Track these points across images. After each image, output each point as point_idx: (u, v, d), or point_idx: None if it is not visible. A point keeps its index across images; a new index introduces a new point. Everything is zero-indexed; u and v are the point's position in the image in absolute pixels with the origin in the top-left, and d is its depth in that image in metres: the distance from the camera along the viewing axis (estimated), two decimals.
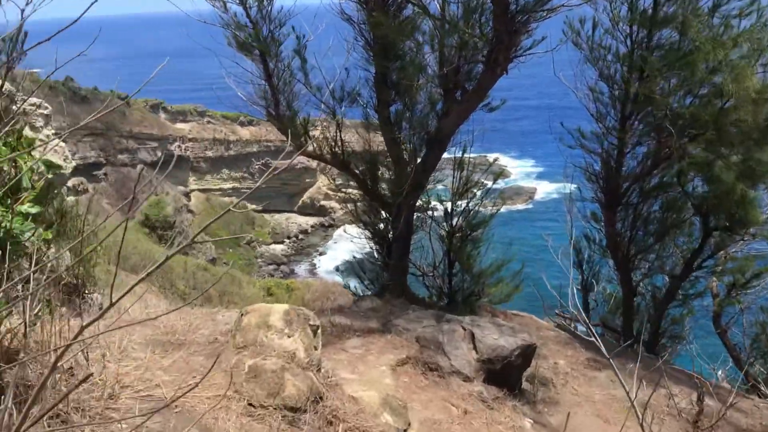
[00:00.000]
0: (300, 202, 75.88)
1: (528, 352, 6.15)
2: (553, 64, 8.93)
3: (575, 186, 10.81)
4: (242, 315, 5.01)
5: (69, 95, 59.57)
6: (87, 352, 4.22)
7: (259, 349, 4.68)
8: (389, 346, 6.01)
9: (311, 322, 5.02)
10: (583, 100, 9.77)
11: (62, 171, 17.98)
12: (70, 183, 55.44)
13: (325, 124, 8.18)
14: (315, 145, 8.16)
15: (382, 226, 8.58)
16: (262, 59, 7.68)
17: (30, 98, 18.97)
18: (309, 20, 8.02)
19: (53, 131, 17.36)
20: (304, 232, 73.48)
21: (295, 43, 7.64)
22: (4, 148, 3.37)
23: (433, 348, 5.88)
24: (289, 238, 71.72)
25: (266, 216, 73.77)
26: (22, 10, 7.40)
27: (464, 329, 6.09)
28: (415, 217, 8.45)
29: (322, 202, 76.21)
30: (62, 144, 17.78)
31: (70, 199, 52.36)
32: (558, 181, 75.64)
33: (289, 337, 4.80)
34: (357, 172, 8.21)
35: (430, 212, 8.94)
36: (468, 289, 8.58)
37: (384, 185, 8.39)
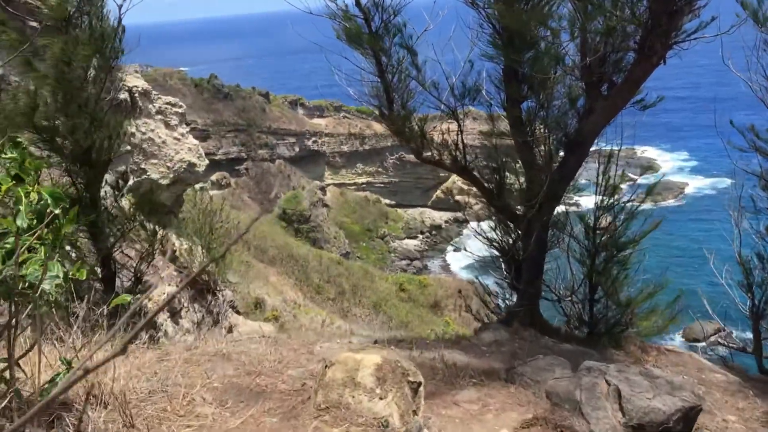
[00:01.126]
0: (434, 196, 75.13)
1: (691, 416, 4.84)
2: (722, 50, 7.41)
3: (731, 180, 9.07)
4: (326, 367, 4.10)
5: (213, 92, 62.07)
6: (129, 414, 3.45)
7: (343, 414, 3.75)
8: (512, 401, 4.89)
9: (411, 378, 4.03)
10: (758, 93, 8.10)
11: (196, 169, 18.05)
12: (213, 177, 57.81)
13: (444, 125, 7.15)
14: (432, 149, 7.15)
15: (510, 241, 7.41)
16: (374, 53, 6.76)
17: (166, 97, 19.11)
18: (428, 7, 7.03)
19: (187, 129, 17.33)
20: (438, 227, 72.69)
21: (411, 35, 6.65)
22: (3, 177, 2.63)
23: (568, 407, 4.72)
24: (422, 233, 71.21)
25: (400, 210, 73.69)
26: (120, 6, 6.73)
27: (608, 384, 4.88)
28: (549, 232, 7.22)
29: (457, 197, 74.90)
30: (195, 142, 17.78)
31: (212, 193, 54.45)
32: (713, 175, 70.40)
33: (381, 399, 3.84)
34: (481, 179, 7.11)
35: (568, 214, 7.64)
36: (612, 319, 7.24)
37: (513, 195, 7.22)
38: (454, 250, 68.32)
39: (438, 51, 6.95)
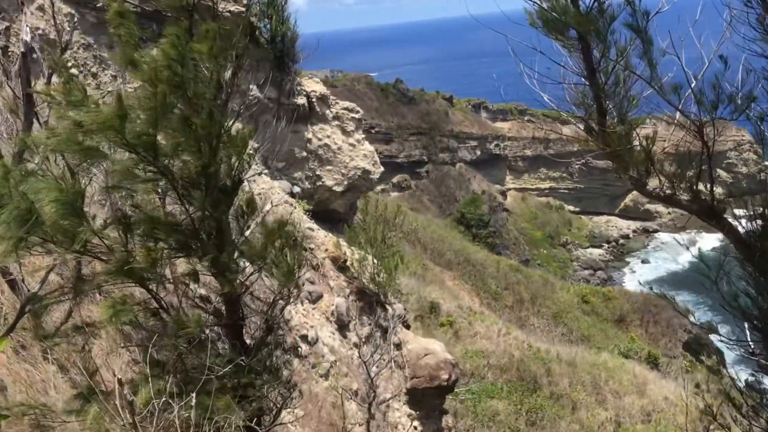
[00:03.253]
0: (622, 204, 70.24)
1: None
2: None
3: None
4: None
5: (397, 96, 62.02)
6: None
7: None
8: None
9: None
10: None
11: (371, 176, 16.86)
12: (395, 179, 57.54)
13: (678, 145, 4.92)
14: (661, 180, 4.97)
15: None
16: (582, 44, 4.72)
17: (343, 102, 18.15)
18: None
19: (363, 136, 16.13)
20: (625, 236, 67.88)
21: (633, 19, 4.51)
22: None
23: None
24: (608, 242, 66.78)
25: (584, 218, 69.64)
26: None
27: None
28: None
29: (647, 206, 69.49)
30: (371, 148, 16.61)
31: (393, 195, 54.02)
32: None
33: None
34: (739, 229, 4.78)
35: None
36: None
37: None
38: (642, 262, 63.31)
39: (674, 42, 4.74)
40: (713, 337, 49.57)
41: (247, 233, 5.64)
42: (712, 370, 43.38)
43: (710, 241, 63.89)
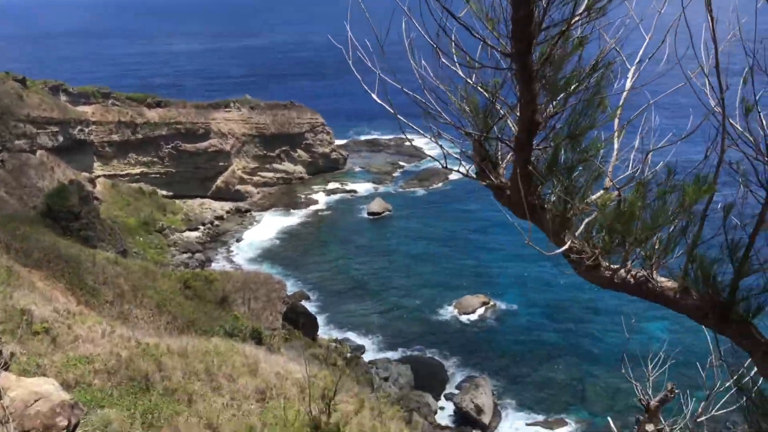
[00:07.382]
0: (214, 186, 70.90)
1: None
2: None
3: None
4: None
5: None
6: None
7: None
8: None
9: None
10: None
11: None
12: None
13: None
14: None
15: None
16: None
17: None
18: None
19: None
20: (220, 218, 68.86)
21: None
22: None
23: None
24: (203, 224, 66.85)
25: (178, 202, 68.40)
26: None
27: None
28: None
29: (238, 187, 71.44)
30: None
31: None
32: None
33: None
34: None
35: None
36: None
37: None
38: (237, 241, 65.03)
39: None
40: (307, 305, 53.20)
41: None
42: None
43: (296, 218, 69.00)
